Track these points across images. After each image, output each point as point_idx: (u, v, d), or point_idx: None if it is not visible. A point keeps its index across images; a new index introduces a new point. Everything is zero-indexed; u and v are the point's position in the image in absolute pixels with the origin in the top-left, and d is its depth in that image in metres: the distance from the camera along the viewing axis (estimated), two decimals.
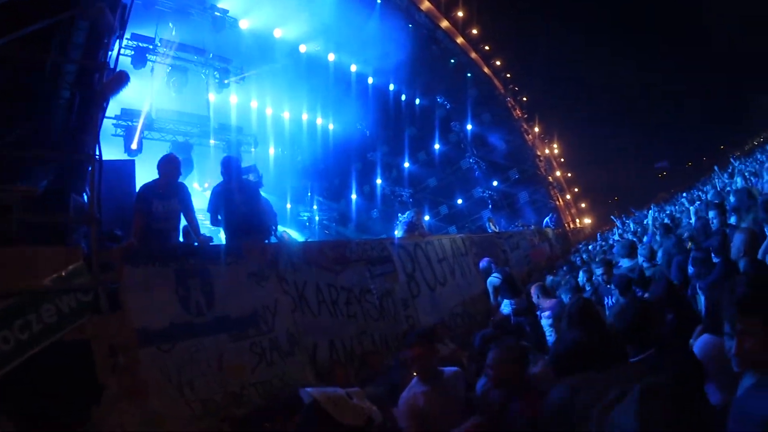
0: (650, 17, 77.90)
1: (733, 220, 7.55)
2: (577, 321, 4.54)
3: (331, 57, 24.27)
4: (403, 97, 30.71)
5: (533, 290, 8.00)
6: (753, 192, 9.22)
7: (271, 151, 23.11)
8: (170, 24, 17.94)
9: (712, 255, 5.65)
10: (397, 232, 12.25)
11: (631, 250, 8.94)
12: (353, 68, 26.11)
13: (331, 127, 26.40)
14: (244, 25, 20.11)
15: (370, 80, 27.76)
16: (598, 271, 8.27)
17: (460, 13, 34.64)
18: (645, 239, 11.75)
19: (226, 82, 19.62)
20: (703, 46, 76.83)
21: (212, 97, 19.78)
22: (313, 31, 22.53)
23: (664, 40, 78.00)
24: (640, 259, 8.35)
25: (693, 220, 9.91)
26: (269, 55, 20.98)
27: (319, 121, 25.60)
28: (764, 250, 4.85)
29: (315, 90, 23.91)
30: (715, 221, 7.40)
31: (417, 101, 32.20)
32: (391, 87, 29.57)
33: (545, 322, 7.58)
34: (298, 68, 22.14)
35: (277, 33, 21.32)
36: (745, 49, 68.18)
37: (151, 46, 17.33)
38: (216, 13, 19.01)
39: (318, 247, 8.08)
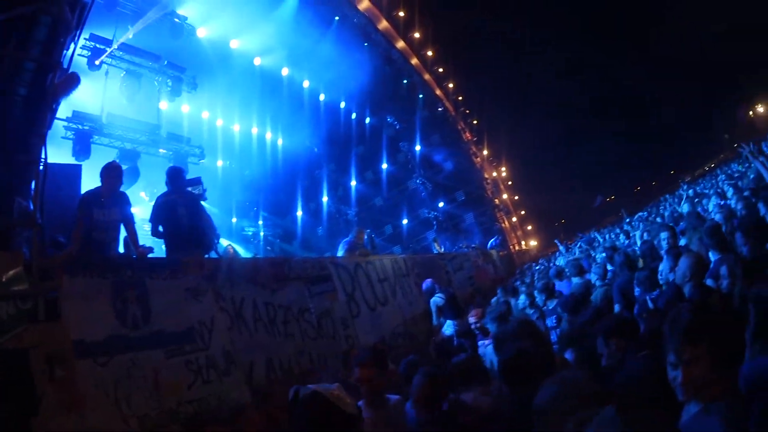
0: (602, 44, 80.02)
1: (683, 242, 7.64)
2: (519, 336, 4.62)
3: (285, 71, 24.29)
4: (354, 116, 30.79)
5: (472, 317, 8.01)
6: (702, 216, 9.51)
7: (219, 163, 22.79)
8: (129, 27, 17.58)
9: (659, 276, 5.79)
10: (339, 252, 12.21)
11: (579, 269, 9.17)
12: (306, 84, 26.15)
13: (280, 142, 26.24)
14: (201, 33, 19.86)
15: (322, 97, 27.76)
16: (540, 298, 8.41)
17: (417, 34, 35.07)
18: (599, 258, 11.89)
19: (178, 90, 19.32)
20: (655, 74, 79.10)
21: (164, 105, 19.40)
22: (269, 45, 22.45)
23: (615, 67, 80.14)
24: (594, 277, 8.59)
25: (639, 243, 9.97)
26: (224, 65, 20.73)
27: (269, 135, 25.43)
28: (710, 275, 4.90)
29: (267, 104, 23.77)
30: (664, 243, 7.43)
31: (367, 120, 32.30)
32: (342, 104, 29.63)
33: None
34: (251, 81, 21.96)
35: (234, 44, 21.19)
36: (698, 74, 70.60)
37: (108, 49, 16.93)
38: (175, 19, 18.71)
39: (256, 263, 8.06)
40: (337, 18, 26.09)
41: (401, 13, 33.45)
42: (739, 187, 11.84)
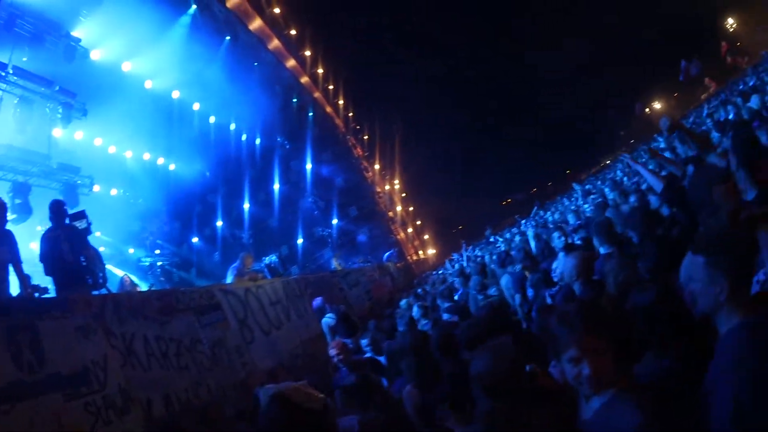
0: (492, 49, 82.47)
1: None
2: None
3: (176, 94, 23.73)
4: (244, 137, 30.53)
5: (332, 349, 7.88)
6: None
7: (114, 192, 21.97)
8: (27, 48, 16.72)
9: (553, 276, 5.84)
10: (228, 278, 12.15)
11: (483, 271, 9.51)
12: (196, 107, 25.69)
13: (172, 167, 25.54)
14: (95, 56, 19.14)
15: (212, 119, 27.39)
16: (444, 305, 8.67)
17: (308, 52, 35.30)
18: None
19: (69, 117, 18.44)
20: (548, 75, 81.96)
21: (58, 132, 18.57)
22: (160, 67, 21.95)
23: (506, 72, 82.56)
24: (472, 291, 8.78)
25: (533, 244, 10.21)
26: (116, 89, 20.01)
27: (161, 161, 24.69)
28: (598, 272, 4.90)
29: (159, 129, 23.16)
30: (557, 242, 7.73)
31: (257, 141, 32.09)
32: (233, 126, 29.34)
33: None
34: (143, 105, 21.34)
35: (126, 67, 20.50)
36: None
37: (2, 73, 16.07)
38: (71, 42, 17.93)
39: (144, 296, 7.83)
40: (228, 38, 25.96)
41: (293, 32, 33.63)
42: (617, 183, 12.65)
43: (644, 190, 8.65)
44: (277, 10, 32.65)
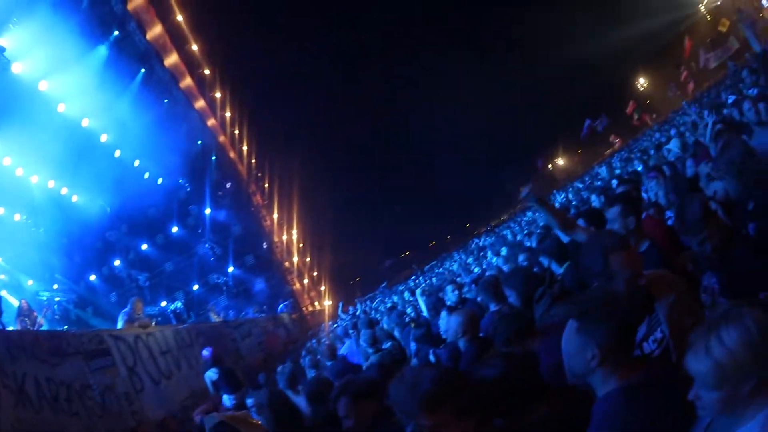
0: (392, 105, 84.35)
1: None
2: None
3: (85, 122, 22.42)
4: (147, 175, 29.46)
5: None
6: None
7: (17, 217, 20.71)
8: None
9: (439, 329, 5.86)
10: (119, 324, 11.88)
11: (371, 325, 9.55)
12: (104, 138, 24.38)
13: (75, 199, 24.20)
14: (16, 69, 17.72)
15: (118, 153, 26.01)
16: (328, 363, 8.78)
17: (218, 94, 35.14)
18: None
19: None
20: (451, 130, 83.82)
21: None
22: (74, 91, 20.76)
23: (406, 126, 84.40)
24: (363, 345, 8.53)
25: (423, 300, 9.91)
26: (31, 108, 18.75)
27: (64, 190, 23.24)
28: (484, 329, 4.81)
29: (66, 156, 21.63)
30: (452, 296, 7.64)
31: (160, 180, 31.00)
32: (137, 163, 28.23)
33: None
34: (54, 129, 19.95)
35: (43, 86, 19.11)
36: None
37: None
38: None
39: (34, 336, 7.50)
40: (143, 70, 25.24)
41: (206, 71, 33.53)
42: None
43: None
44: (195, 47, 32.55)
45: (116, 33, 22.59)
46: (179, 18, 30.61)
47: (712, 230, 3.11)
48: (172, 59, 28.75)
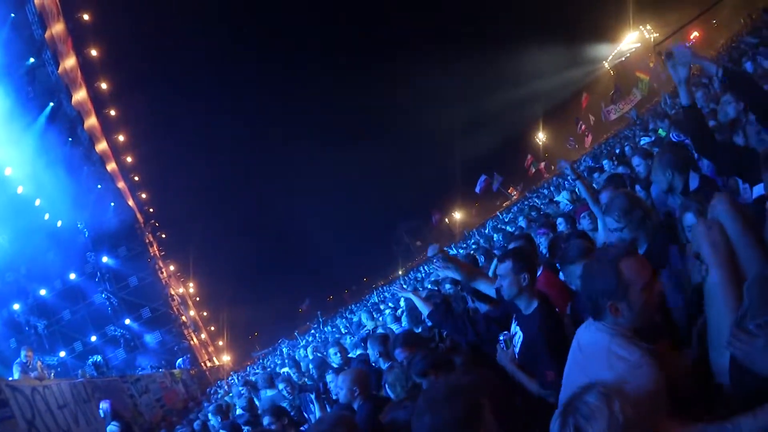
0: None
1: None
2: None
3: None
4: (47, 216, 28.07)
5: None
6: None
7: None
8: None
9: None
10: (15, 374, 10.99)
11: (271, 382, 9.26)
12: (8, 171, 23.17)
13: None
14: None
15: (20, 189, 24.71)
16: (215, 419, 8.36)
17: (122, 137, 33.92)
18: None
19: None
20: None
21: None
22: None
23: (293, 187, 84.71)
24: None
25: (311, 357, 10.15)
26: None
27: None
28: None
29: None
30: (335, 358, 7.45)
31: (59, 223, 29.63)
32: (38, 202, 26.70)
33: None
34: None
35: None
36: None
37: None
38: None
39: None
40: (51, 104, 24.33)
41: (112, 112, 32.31)
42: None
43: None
44: (104, 86, 31.39)
45: (32, 60, 21.66)
46: (93, 53, 29.57)
47: None
48: (80, 95, 27.57)
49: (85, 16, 27.97)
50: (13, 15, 20.56)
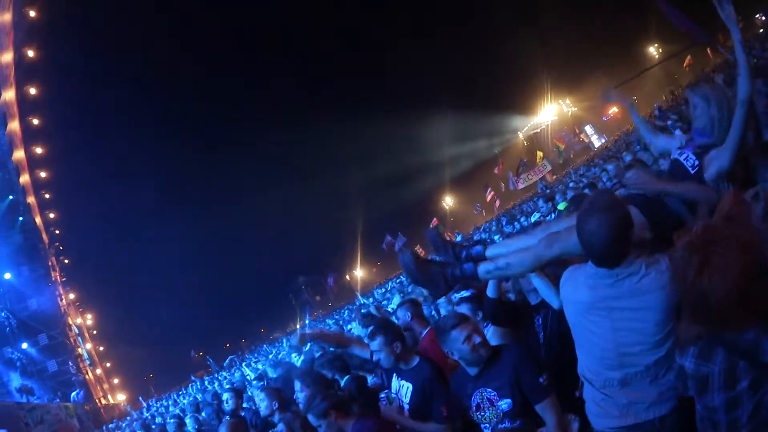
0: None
1: None
2: None
3: None
4: None
5: None
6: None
7: None
8: None
9: None
10: None
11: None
12: None
13: None
14: None
15: None
16: None
17: (39, 149, 31.96)
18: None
19: None
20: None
21: None
22: None
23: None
24: None
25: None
26: None
27: None
28: None
29: None
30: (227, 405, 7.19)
31: None
32: None
33: None
34: None
35: None
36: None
37: None
38: None
39: None
40: None
41: (35, 121, 30.43)
42: None
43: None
44: (33, 91, 29.69)
45: None
46: (30, 53, 27.93)
47: None
48: (7, 95, 26.06)
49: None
50: None
